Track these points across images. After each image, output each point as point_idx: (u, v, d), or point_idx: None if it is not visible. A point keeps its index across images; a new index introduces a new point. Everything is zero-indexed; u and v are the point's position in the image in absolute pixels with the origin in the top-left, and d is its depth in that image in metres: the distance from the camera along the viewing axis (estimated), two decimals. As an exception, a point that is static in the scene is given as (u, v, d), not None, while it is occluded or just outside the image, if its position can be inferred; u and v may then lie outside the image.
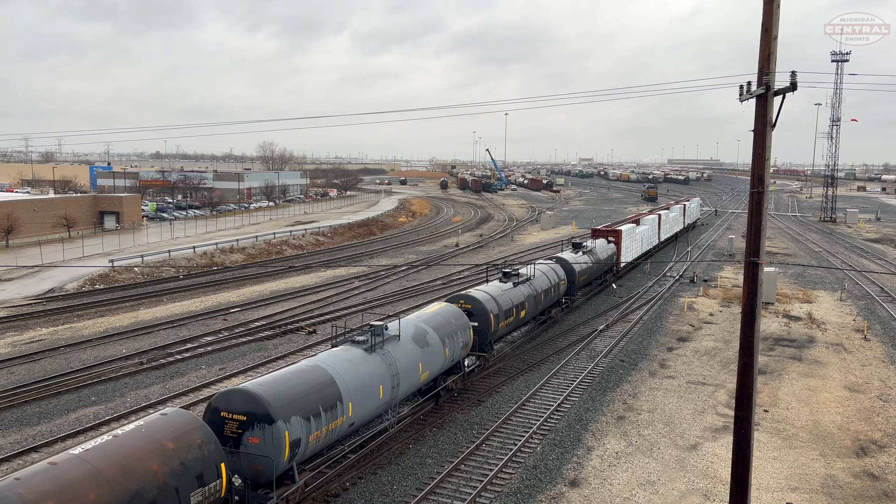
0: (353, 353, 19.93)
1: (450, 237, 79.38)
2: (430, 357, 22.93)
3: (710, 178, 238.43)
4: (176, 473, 13.61)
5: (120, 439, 13.57)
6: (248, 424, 15.83)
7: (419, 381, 22.61)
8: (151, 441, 13.76)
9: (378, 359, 20.25)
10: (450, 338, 24.31)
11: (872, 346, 33.89)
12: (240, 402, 16.01)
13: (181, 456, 13.88)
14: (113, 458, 12.93)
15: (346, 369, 18.92)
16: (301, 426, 16.48)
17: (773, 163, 76.28)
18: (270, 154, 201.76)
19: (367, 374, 19.48)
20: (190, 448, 14.13)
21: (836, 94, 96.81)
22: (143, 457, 13.33)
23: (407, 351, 21.65)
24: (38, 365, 29.62)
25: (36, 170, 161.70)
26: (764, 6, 12.27)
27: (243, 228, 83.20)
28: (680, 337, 35.46)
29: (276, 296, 44.44)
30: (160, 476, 13.32)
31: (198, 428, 14.73)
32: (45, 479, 11.90)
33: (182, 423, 14.62)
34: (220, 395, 16.44)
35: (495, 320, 28.26)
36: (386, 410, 21.08)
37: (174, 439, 14.04)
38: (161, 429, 14.25)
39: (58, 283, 48.29)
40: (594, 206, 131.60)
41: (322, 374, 18.11)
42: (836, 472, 20.42)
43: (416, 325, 23.20)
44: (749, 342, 13.15)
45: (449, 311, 25.70)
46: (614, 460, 20.95)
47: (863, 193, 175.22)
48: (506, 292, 30.33)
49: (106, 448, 13.16)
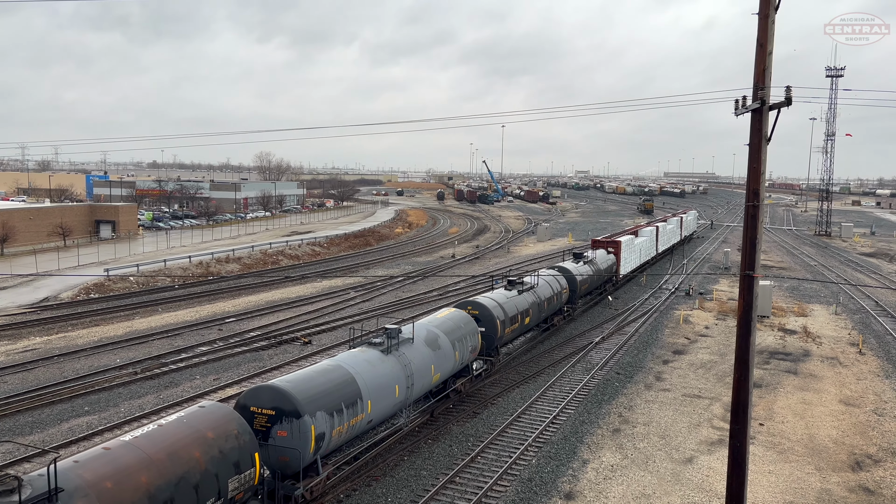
0: (370, 354, 20.83)
1: (446, 248, 79.41)
2: (442, 359, 23.80)
3: (706, 192, 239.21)
4: (216, 461, 14.42)
5: (164, 428, 14.35)
6: (277, 419, 16.72)
7: (431, 383, 23.50)
8: (193, 430, 14.55)
9: (394, 360, 21.16)
10: (459, 342, 25.25)
11: (867, 360, 33.93)
12: (268, 397, 16.90)
13: (220, 445, 14.69)
14: (160, 444, 13.72)
15: (365, 369, 19.83)
16: (325, 421, 17.39)
17: (768, 176, 76.73)
18: (267, 164, 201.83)
19: (384, 374, 20.40)
20: (227, 438, 14.94)
21: (831, 109, 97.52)
22: (187, 444, 14.12)
23: (420, 353, 22.53)
24: (31, 374, 29.45)
25: (32, 178, 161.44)
26: (759, 22, 12.41)
27: (239, 238, 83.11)
28: (675, 349, 35.46)
29: (271, 306, 44.34)
30: (202, 462, 14.14)
31: (234, 419, 15.60)
32: (102, 462, 12.69)
33: (220, 415, 15.51)
34: (248, 392, 17.36)
35: (501, 326, 29.30)
36: (401, 409, 21.98)
37: (213, 429, 14.85)
38: (201, 419, 15.07)
39: (52, 291, 48.11)
40: (590, 218, 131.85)
41: (344, 374, 19.04)
42: (832, 487, 20.39)
43: (428, 329, 24.04)
44: (744, 355, 13.17)
45: (458, 317, 26.63)
46: (610, 473, 20.89)
47: (857, 208, 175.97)
48: (511, 300, 31.33)
49: (153, 436, 13.95)
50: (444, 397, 25.77)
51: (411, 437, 23.02)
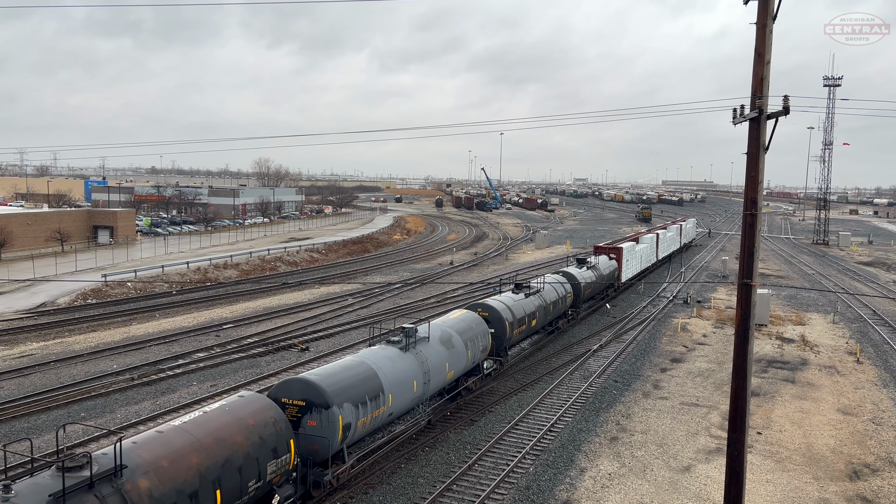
0: (390, 351, 21.92)
1: (444, 255, 79.41)
2: (455, 358, 24.97)
3: (704, 200, 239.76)
4: (256, 445, 15.48)
5: (209, 415, 15.45)
6: (307, 409, 17.89)
7: (445, 380, 24.60)
8: (235, 417, 15.61)
9: (412, 357, 22.30)
10: (471, 342, 26.41)
11: (865, 369, 33.94)
12: (299, 389, 18.12)
13: (259, 431, 15.73)
14: (207, 429, 14.80)
15: (386, 365, 20.93)
16: (351, 412, 18.57)
17: (766, 185, 77.19)
18: (266, 170, 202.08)
19: (403, 370, 21.53)
20: (266, 425, 16.00)
21: (829, 118, 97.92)
22: (231, 430, 15.17)
23: (435, 351, 23.71)
24: (27, 380, 29.36)
25: (31, 183, 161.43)
26: (757, 31, 12.47)
27: (237, 244, 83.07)
28: (673, 358, 35.44)
29: (269, 312, 44.27)
30: (244, 447, 15.19)
31: (271, 408, 16.66)
32: (157, 444, 13.81)
33: (258, 404, 16.56)
34: (279, 385, 18.57)
35: (510, 327, 30.52)
36: (418, 404, 23.10)
37: (253, 416, 15.91)
38: (242, 407, 16.13)
39: (50, 297, 48.02)
40: (588, 225, 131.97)
41: (367, 369, 20.18)
42: (830, 496, 20.35)
43: (442, 329, 25.16)
44: (742, 364, 13.17)
45: (470, 318, 27.77)
46: (607, 481, 20.83)
47: (855, 217, 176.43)
48: (518, 302, 32.51)
49: (200, 421, 15.06)
50: (457, 395, 26.92)
51: (408, 445, 22.98)
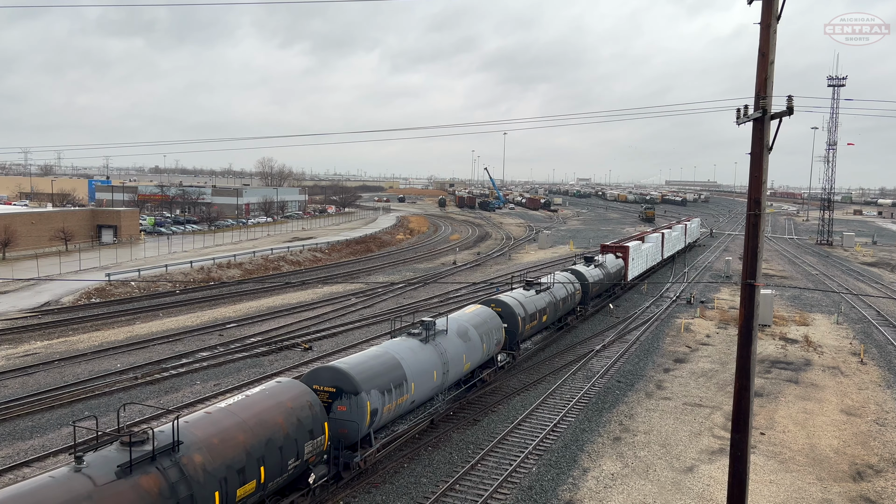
0: (411, 342, 22.98)
1: (447, 255, 79.42)
2: (472, 350, 26.02)
3: (708, 200, 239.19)
4: (294, 427, 16.57)
5: (252, 398, 16.57)
6: (337, 395, 18.90)
7: (463, 371, 25.67)
8: (275, 401, 16.71)
9: (431, 348, 23.38)
10: (486, 335, 27.45)
11: (869, 370, 33.86)
12: (329, 377, 19.13)
13: (297, 413, 16.86)
14: (251, 411, 15.90)
15: (408, 355, 21.99)
16: (378, 398, 19.59)
17: (769, 186, 77.10)
18: (269, 170, 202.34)
19: (425, 360, 22.62)
20: (303, 408, 17.14)
21: (833, 119, 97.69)
22: (272, 412, 16.26)
23: (453, 344, 24.75)
24: (31, 378, 29.45)
25: (35, 183, 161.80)
26: (760, 31, 12.44)
27: (241, 244, 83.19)
28: (677, 358, 35.40)
29: (272, 312, 44.33)
30: (284, 428, 16.27)
31: (307, 393, 17.84)
32: (208, 423, 14.98)
33: (296, 389, 17.70)
34: (310, 373, 19.55)
35: (522, 322, 31.54)
36: (437, 394, 24.25)
37: (291, 400, 17.04)
38: (281, 392, 17.26)
39: (54, 296, 48.15)
40: (592, 225, 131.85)
41: (391, 358, 21.23)
42: (833, 497, 20.31)
43: (459, 323, 26.23)
44: (745, 364, 13.16)
45: (485, 312, 28.88)
46: (610, 482, 20.82)
47: (859, 217, 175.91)
48: (530, 298, 33.59)
49: (244, 404, 16.17)
50: (472, 386, 28.02)
51: (411, 444, 23.00)
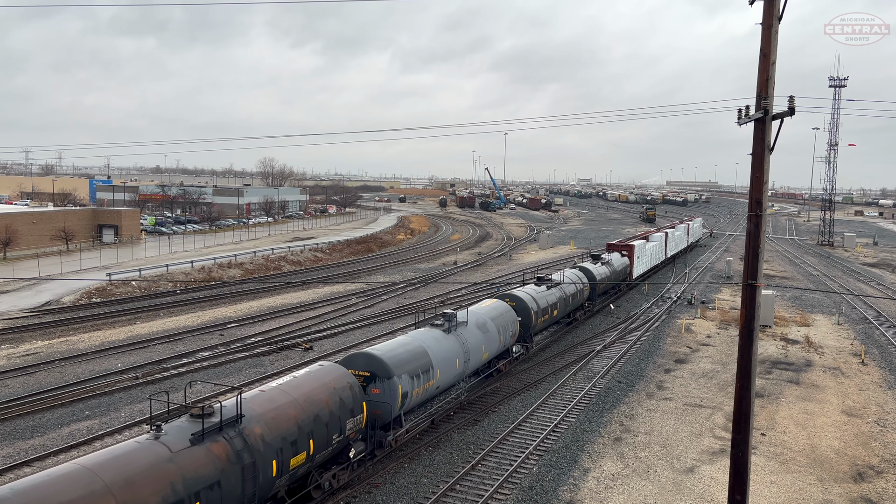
0: (435, 332, 24.63)
1: (448, 255, 79.40)
2: (490, 341, 27.67)
3: (709, 200, 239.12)
4: (337, 405, 18.12)
5: (300, 379, 18.22)
6: (371, 379, 20.46)
7: (482, 360, 27.28)
8: (320, 382, 18.31)
9: (454, 338, 25.07)
10: (503, 327, 29.10)
11: (870, 371, 33.82)
12: (364, 362, 20.69)
13: (340, 393, 18.39)
14: (300, 390, 17.52)
15: (433, 344, 23.66)
16: (408, 382, 21.13)
17: (771, 186, 77.09)
18: (270, 170, 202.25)
19: (448, 349, 24.30)
20: (344, 388, 18.68)
21: (834, 119, 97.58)
22: (318, 391, 17.84)
23: (473, 334, 26.42)
24: (32, 378, 29.46)
25: (36, 182, 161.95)
26: (762, 32, 12.41)
27: (242, 244, 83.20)
28: (677, 359, 35.37)
29: (273, 311, 44.33)
30: (329, 406, 17.82)
31: (347, 375, 19.35)
32: (263, 399, 16.51)
33: (337, 372, 19.23)
34: (345, 359, 21.03)
35: (535, 316, 33.16)
36: (458, 381, 25.76)
37: (334, 382, 18.61)
38: (324, 374, 18.83)
39: (55, 295, 48.17)
40: (592, 226, 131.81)
41: (418, 346, 22.84)
42: (834, 498, 20.29)
43: (477, 315, 27.87)
44: (746, 365, 13.13)
45: (501, 306, 30.49)
46: (611, 482, 20.81)
47: (860, 218, 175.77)
48: (541, 294, 35.26)
49: (293, 383, 17.82)
50: (489, 375, 29.68)
51: (412, 445, 23.00)
